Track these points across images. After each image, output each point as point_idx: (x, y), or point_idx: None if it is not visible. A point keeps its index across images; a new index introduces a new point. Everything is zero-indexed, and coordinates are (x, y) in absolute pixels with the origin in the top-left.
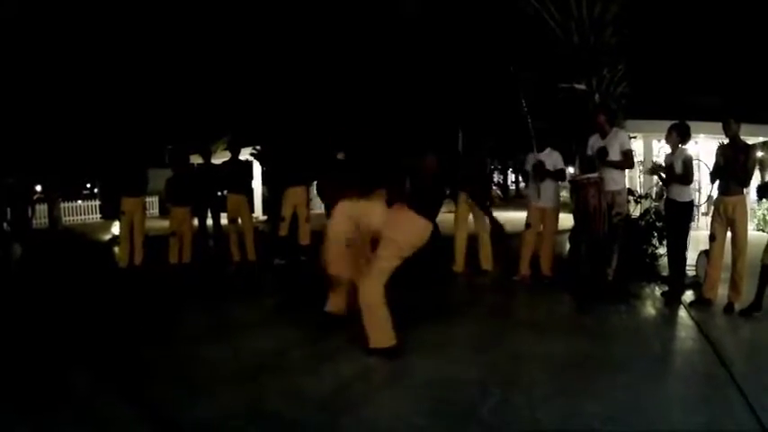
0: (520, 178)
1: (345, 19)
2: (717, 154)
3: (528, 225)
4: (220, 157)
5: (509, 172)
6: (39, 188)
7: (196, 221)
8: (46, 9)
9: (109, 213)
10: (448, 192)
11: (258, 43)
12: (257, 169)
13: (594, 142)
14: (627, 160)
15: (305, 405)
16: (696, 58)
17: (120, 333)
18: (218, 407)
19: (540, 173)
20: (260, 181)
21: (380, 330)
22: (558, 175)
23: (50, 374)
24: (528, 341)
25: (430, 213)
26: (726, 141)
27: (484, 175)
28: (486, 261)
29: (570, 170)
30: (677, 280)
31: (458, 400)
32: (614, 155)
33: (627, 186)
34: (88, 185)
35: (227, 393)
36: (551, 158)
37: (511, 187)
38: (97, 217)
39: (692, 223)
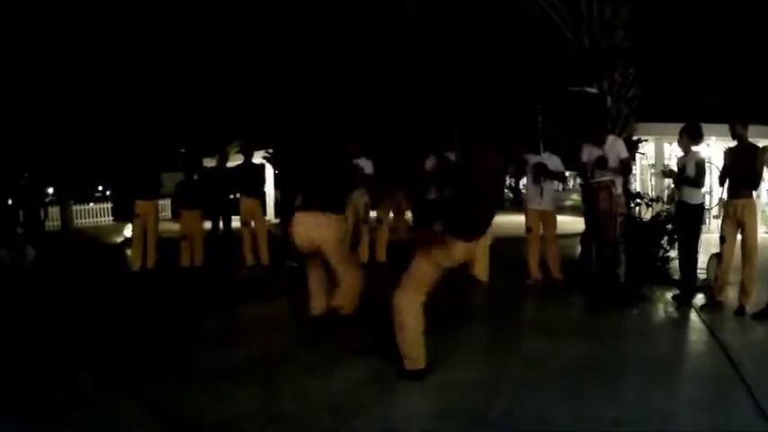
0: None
1: (354, 21)
2: (724, 156)
3: (529, 229)
4: (233, 161)
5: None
6: (50, 190)
7: (209, 224)
8: (57, 9)
9: (121, 216)
10: None
11: (271, 46)
12: (269, 172)
13: (590, 150)
14: (624, 168)
15: (317, 407)
16: (708, 59)
17: (134, 335)
18: (231, 408)
19: (543, 173)
20: (272, 184)
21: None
22: (558, 177)
23: (65, 375)
24: (539, 344)
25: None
26: (733, 144)
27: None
28: (483, 272)
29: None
30: (688, 283)
31: (469, 402)
32: (613, 163)
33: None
34: (100, 188)
35: (240, 395)
36: (550, 162)
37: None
38: (109, 219)
39: (703, 226)
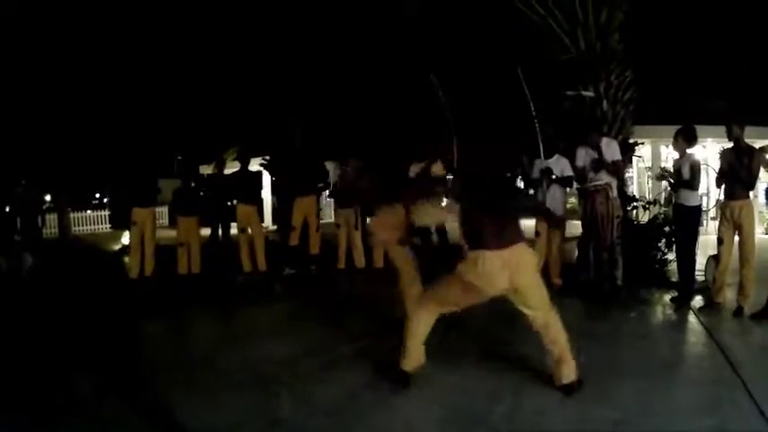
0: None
1: (352, 27)
2: (720, 158)
3: (537, 233)
4: (230, 168)
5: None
6: (48, 198)
7: (207, 231)
8: (53, 14)
9: (119, 223)
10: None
11: (268, 53)
12: (266, 179)
13: (585, 153)
14: (616, 170)
15: (317, 412)
16: (703, 61)
17: (132, 342)
18: (230, 413)
19: (548, 180)
20: (269, 191)
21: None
22: (567, 181)
23: (63, 382)
24: (538, 348)
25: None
26: (730, 145)
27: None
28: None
29: None
30: (686, 285)
31: (469, 406)
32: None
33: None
34: (97, 195)
35: (239, 401)
36: (559, 165)
37: None
38: (107, 227)
39: (701, 228)
